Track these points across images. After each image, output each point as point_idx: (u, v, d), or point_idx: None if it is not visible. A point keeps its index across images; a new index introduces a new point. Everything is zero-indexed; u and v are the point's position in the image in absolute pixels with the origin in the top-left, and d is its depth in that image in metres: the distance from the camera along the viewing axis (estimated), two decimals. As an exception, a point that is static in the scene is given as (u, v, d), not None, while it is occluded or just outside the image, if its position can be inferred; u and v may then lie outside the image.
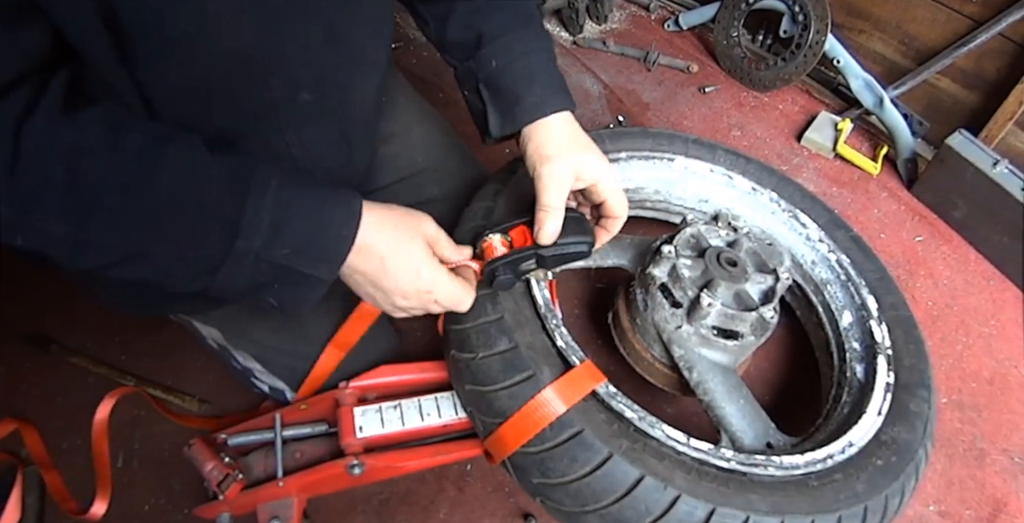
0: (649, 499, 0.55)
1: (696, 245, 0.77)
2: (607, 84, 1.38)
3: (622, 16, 1.50)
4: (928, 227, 1.17)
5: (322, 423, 0.75)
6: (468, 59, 0.66)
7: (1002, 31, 1.07)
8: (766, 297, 0.73)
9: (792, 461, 0.62)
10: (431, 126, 0.87)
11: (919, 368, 0.75)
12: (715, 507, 0.55)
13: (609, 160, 0.65)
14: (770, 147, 1.29)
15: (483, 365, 0.62)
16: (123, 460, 0.85)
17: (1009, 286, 1.10)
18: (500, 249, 0.60)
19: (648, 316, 0.74)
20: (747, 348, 0.73)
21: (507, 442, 0.59)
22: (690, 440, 0.60)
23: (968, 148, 1.07)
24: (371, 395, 0.74)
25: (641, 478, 0.55)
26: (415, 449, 0.71)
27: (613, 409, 0.60)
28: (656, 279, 0.72)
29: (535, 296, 0.66)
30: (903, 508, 0.64)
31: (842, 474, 0.62)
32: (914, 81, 1.19)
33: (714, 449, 0.61)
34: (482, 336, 0.63)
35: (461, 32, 0.66)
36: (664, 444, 0.59)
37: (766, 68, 1.33)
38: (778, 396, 0.96)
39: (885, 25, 1.22)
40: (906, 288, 1.07)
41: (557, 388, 0.59)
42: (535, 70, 0.64)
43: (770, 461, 0.61)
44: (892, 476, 0.63)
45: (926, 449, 0.68)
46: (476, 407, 0.63)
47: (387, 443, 0.70)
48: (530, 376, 0.60)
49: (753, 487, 0.58)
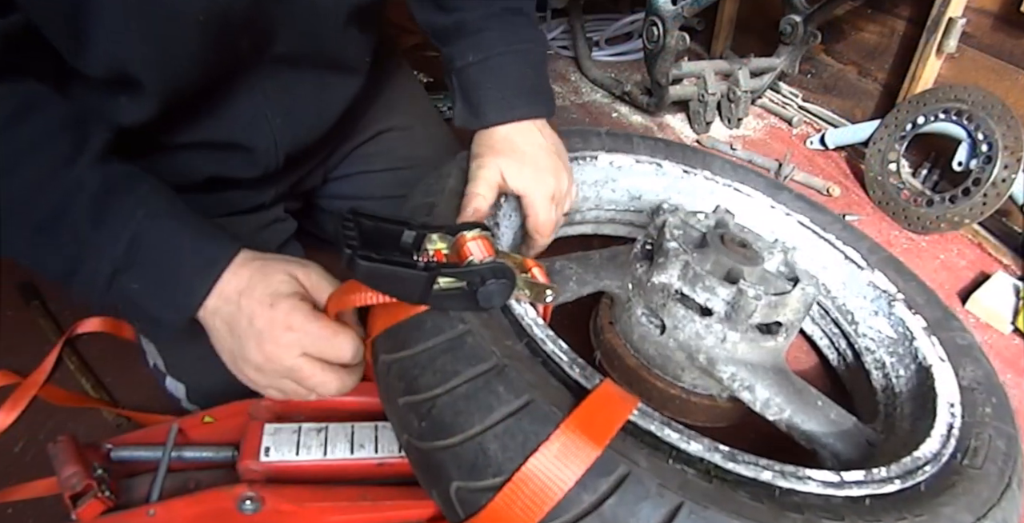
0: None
1: (690, 235, 0.70)
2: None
3: (759, 125, 1.45)
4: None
5: (229, 448, 0.62)
6: (446, 46, 0.70)
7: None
8: (789, 272, 0.68)
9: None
10: (431, 123, 0.91)
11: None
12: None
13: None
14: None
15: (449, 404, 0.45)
16: (22, 447, 0.76)
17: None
18: (479, 253, 0.48)
19: (667, 340, 0.65)
20: (790, 339, 0.66)
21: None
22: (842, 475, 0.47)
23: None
24: (297, 415, 0.63)
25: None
26: (337, 490, 0.58)
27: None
28: (669, 288, 0.64)
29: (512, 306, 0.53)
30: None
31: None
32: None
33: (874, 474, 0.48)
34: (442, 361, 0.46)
35: (443, 17, 0.69)
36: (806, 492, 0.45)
37: (928, 206, 1.16)
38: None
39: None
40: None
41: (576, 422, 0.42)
42: (507, 72, 0.67)
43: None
44: None
45: None
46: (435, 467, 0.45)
47: (300, 476, 0.59)
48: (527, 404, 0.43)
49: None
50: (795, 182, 1.28)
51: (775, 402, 0.61)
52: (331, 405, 0.63)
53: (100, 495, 0.56)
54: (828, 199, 1.24)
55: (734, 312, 0.61)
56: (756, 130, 1.42)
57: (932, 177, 1.22)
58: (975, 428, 0.55)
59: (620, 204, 0.88)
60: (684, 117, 1.42)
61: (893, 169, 1.21)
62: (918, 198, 1.18)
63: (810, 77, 1.45)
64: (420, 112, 0.91)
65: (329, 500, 0.57)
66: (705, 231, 0.70)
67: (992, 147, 1.05)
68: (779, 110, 1.45)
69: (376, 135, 0.84)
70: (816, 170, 1.31)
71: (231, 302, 0.50)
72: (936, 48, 1.15)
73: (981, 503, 0.47)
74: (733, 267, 0.64)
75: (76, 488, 0.56)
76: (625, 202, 0.88)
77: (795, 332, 0.66)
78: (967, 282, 1.10)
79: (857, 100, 1.37)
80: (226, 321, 0.50)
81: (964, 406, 0.58)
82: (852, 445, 0.59)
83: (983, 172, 1.06)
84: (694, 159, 0.88)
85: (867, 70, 1.34)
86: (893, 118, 1.21)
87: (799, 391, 0.62)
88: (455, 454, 0.43)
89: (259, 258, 0.52)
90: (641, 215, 0.89)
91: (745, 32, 1.60)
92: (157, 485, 0.59)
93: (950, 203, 1.11)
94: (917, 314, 0.71)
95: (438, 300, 0.46)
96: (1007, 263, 1.13)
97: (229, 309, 0.50)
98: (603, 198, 0.86)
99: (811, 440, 0.60)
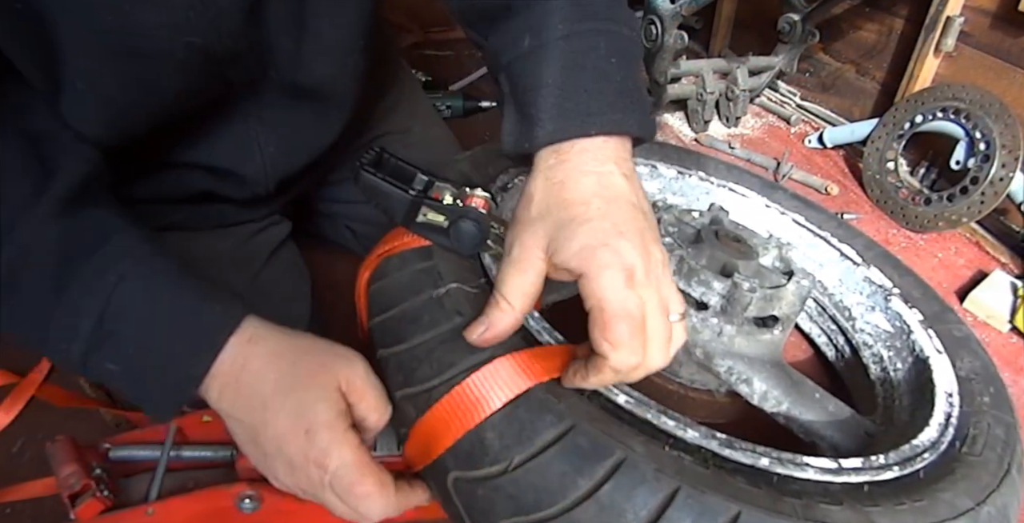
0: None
1: (684, 232, 0.71)
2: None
3: (757, 124, 1.46)
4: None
5: (228, 447, 0.61)
6: (490, 34, 0.49)
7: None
8: (784, 267, 0.68)
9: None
10: (430, 123, 0.89)
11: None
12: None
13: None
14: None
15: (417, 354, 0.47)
16: (20, 447, 0.76)
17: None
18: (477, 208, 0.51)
19: None
20: (786, 333, 0.66)
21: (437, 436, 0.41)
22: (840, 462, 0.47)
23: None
24: None
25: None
26: None
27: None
28: None
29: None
30: None
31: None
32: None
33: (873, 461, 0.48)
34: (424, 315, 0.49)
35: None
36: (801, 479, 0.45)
37: (926, 204, 1.17)
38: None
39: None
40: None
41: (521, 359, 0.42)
42: (584, 62, 0.43)
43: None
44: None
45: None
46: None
47: None
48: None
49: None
50: (793, 181, 1.28)
51: (773, 394, 0.61)
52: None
53: (98, 494, 0.55)
54: (826, 198, 1.25)
55: (730, 306, 0.61)
56: (754, 129, 1.43)
57: (930, 176, 1.23)
58: (973, 417, 0.56)
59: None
60: (682, 116, 1.43)
61: (891, 168, 1.22)
62: (916, 197, 1.19)
63: (808, 76, 1.46)
64: (419, 113, 0.90)
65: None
66: (700, 228, 0.70)
67: (990, 146, 1.06)
68: (777, 109, 1.46)
69: (374, 138, 0.83)
70: (814, 169, 1.32)
71: (252, 409, 0.41)
72: (934, 47, 1.16)
73: (980, 489, 0.47)
74: (728, 261, 0.65)
75: (74, 488, 0.55)
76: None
77: (791, 326, 0.66)
78: (965, 280, 1.10)
79: (855, 99, 1.37)
80: (246, 429, 0.42)
81: (962, 396, 0.58)
82: (851, 436, 0.60)
83: (981, 171, 1.07)
84: (688, 160, 0.88)
85: (865, 69, 1.35)
86: (891, 117, 1.21)
87: (796, 383, 0.62)
88: (452, 444, 0.43)
89: (284, 338, 0.42)
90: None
91: (743, 31, 1.61)
92: (156, 484, 0.58)
93: (948, 202, 1.12)
94: (913, 308, 0.72)
95: (419, 228, 0.51)
96: (1005, 261, 1.14)
97: (250, 419, 0.41)
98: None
99: (810, 432, 0.60)
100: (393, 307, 0.51)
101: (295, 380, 0.40)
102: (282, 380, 0.40)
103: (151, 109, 0.50)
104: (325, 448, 0.40)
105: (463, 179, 0.57)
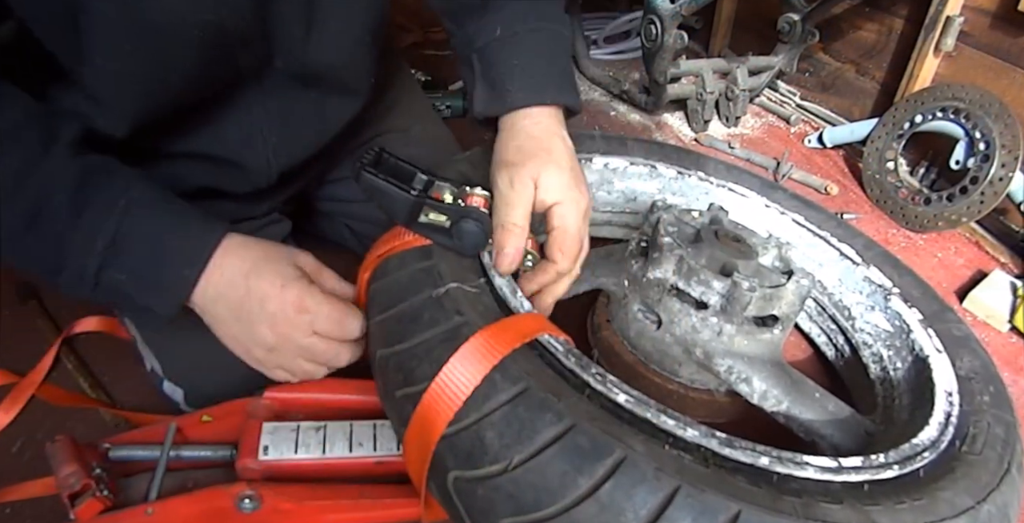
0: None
1: (684, 231, 0.71)
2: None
3: (756, 123, 1.46)
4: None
5: (227, 447, 0.62)
6: (465, 25, 0.64)
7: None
8: (784, 266, 0.68)
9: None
10: (429, 123, 0.91)
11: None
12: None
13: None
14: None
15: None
16: (20, 447, 0.75)
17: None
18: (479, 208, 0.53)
19: (664, 335, 0.67)
20: (786, 332, 0.67)
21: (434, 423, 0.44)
22: (840, 461, 0.47)
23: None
24: (296, 414, 0.63)
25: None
26: (336, 489, 0.59)
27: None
28: (664, 283, 0.65)
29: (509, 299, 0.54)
30: None
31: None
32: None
33: (872, 460, 0.48)
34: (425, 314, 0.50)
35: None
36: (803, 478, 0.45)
37: (926, 204, 1.17)
38: None
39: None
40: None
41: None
42: (539, 50, 0.60)
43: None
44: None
45: None
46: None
47: (298, 475, 0.59)
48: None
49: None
50: (793, 181, 1.28)
51: (772, 394, 0.61)
52: (330, 403, 0.63)
53: (98, 494, 0.56)
54: (826, 197, 1.25)
55: (729, 305, 0.61)
56: (754, 129, 1.43)
57: (930, 175, 1.23)
58: (973, 416, 0.56)
59: (616, 206, 0.89)
60: (682, 116, 1.43)
61: (891, 167, 1.22)
62: (916, 196, 1.19)
63: (808, 76, 1.46)
64: (418, 112, 0.91)
65: (328, 498, 0.57)
66: (699, 228, 0.71)
67: (990, 145, 1.06)
68: (777, 109, 1.46)
69: (374, 137, 0.84)
70: (814, 169, 1.32)
71: (236, 286, 0.51)
72: (934, 47, 1.17)
73: (980, 487, 0.47)
74: (727, 261, 0.65)
75: (74, 487, 0.56)
76: (621, 204, 0.88)
77: (791, 325, 0.66)
78: (965, 280, 1.10)
79: (855, 99, 1.38)
80: (232, 306, 0.51)
81: (962, 395, 0.58)
82: (850, 435, 0.60)
83: (980, 170, 1.07)
84: (688, 160, 0.89)
85: (865, 69, 1.35)
86: (891, 117, 1.22)
87: (796, 383, 0.63)
88: (451, 443, 0.43)
89: (255, 242, 0.53)
90: (637, 217, 0.90)
91: (743, 31, 1.61)
92: (155, 484, 0.59)
93: (948, 201, 1.12)
94: (913, 307, 0.72)
95: (422, 228, 0.53)
96: (1004, 261, 1.14)
97: (236, 294, 0.51)
98: (599, 200, 0.87)
99: (809, 431, 0.60)
100: (393, 307, 0.51)
101: (267, 255, 0.52)
102: (257, 260, 0.51)
103: (167, 87, 0.54)
104: (300, 294, 0.51)
105: (462, 178, 0.58)
